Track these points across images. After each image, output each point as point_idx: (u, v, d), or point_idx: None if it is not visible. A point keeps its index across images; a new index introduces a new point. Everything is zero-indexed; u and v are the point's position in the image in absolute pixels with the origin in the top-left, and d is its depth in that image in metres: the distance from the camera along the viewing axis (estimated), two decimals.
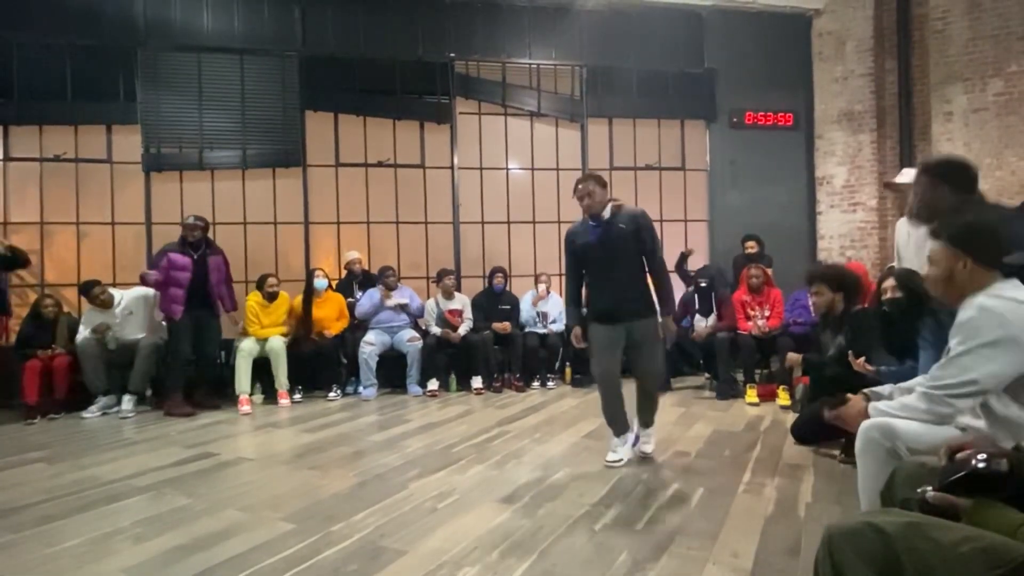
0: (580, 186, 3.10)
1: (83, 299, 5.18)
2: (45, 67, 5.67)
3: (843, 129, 6.96)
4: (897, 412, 1.76)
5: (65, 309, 5.14)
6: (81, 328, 4.91)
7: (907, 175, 3.65)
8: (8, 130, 5.74)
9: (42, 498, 2.81)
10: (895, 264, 3.83)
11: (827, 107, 7.04)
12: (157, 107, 5.90)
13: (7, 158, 5.75)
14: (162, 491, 2.88)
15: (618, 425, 3.18)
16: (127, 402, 4.74)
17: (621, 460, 3.11)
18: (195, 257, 4.81)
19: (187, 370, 4.89)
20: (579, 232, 3.19)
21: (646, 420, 3.27)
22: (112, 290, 5.02)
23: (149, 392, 5.07)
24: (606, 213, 3.08)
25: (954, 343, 1.64)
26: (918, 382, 1.97)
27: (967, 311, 1.62)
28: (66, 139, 5.82)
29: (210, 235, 5.11)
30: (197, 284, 4.79)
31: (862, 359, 3.19)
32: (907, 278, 3.22)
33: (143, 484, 2.98)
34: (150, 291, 5.01)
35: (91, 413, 4.68)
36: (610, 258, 3.07)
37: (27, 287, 5.67)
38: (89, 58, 5.75)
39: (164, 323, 4.96)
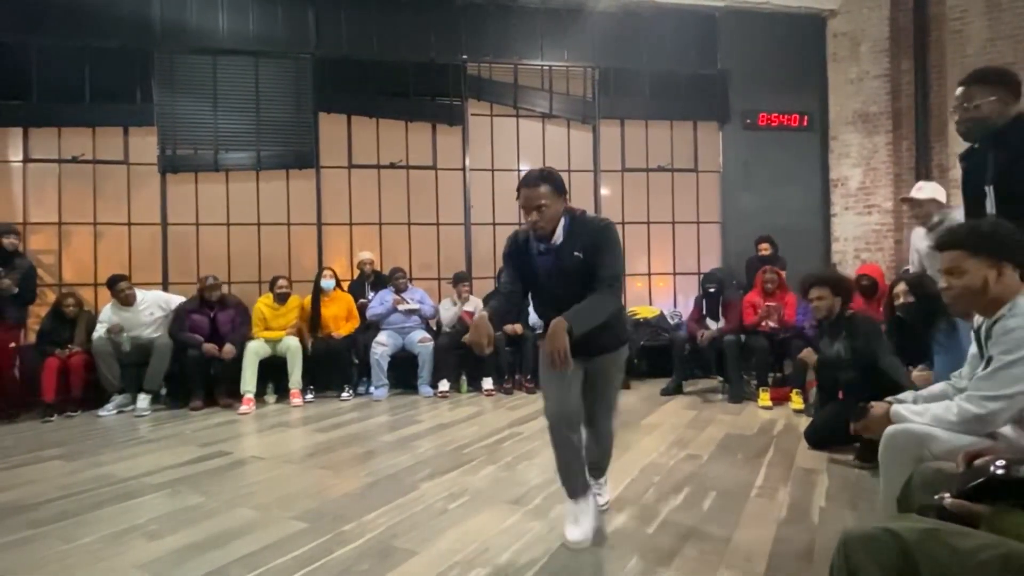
0: (526, 191, 2.11)
1: (101, 297, 5.26)
2: (63, 70, 5.76)
3: (858, 131, 6.90)
4: (925, 419, 1.73)
5: (85, 308, 5.22)
6: (98, 325, 4.98)
7: (927, 190, 3.56)
8: (28, 132, 5.84)
9: (59, 495, 2.85)
10: (909, 268, 3.82)
11: (842, 108, 6.98)
12: (173, 109, 5.97)
13: (26, 159, 5.85)
14: (176, 489, 2.91)
15: (578, 485, 2.26)
16: (142, 401, 4.79)
17: (586, 540, 2.18)
18: (211, 316, 5.15)
19: (202, 369, 5.01)
20: (520, 251, 2.27)
21: (598, 468, 2.49)
22: (137, 290, 5.13)
23: (164, 391, 5.12)
24: (558, 235, 2.15)
25: (997, 351, 1.59)
26: (942, 389, 1.95)
27: (1014, 319, 1.57)
28: (84, 141, 5.90)
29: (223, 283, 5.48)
30: (211, 333, 5.14)
31: (918, 371, 3.16)
32: (919, 283, 3.20)
33: (158, 482, 3.02)
34: (172, 298, 5.26)
35: (107, 411, 4.74)
36: (564, 296, 2.11)
37: (45, 287, 5.75)
38: (106, 61, 5.84)
39: None
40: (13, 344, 4.85)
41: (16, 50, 5.66)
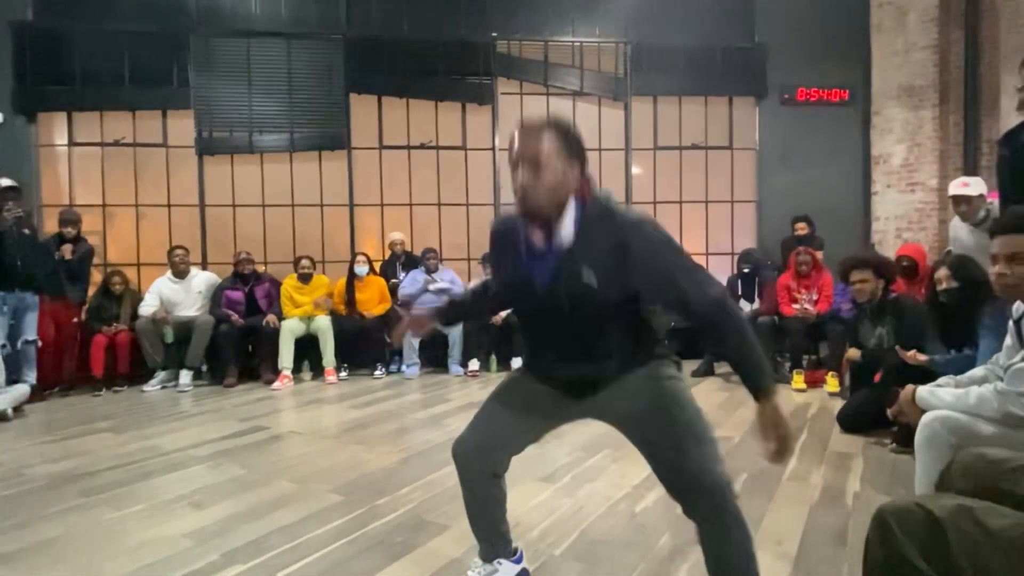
0: (522, 138, 1.32)
1: (144, 276, 5.42)
2: (104, 55, 5.90)
3: (902, 105, 6.62)
4: (953, 404, 1.70)
5: (130, 286, 5.40)
6: (147, 296, 5.14)
7: (975, 186, 3.45)
8: (71, 116, 6.03)
9: (110, 465, 2.98)
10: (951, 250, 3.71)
11: (885, 82, 6.70)
12: (209, 92, 6.08)
13: (71, 143, 6.04)
14: (219, 461, 3.02)
15: (491, 540, 1.70)
16: (184, 377, 4.97)
17: None
18: (246, 291, 5.32)
19: (236, 345, 5.16)
20: (507, 246, 1.45)
21: None
22: (192, 267, 5.35)
23: (204, 367, 5.30)
24: (567, 230, 1.34)
25: None
26: (983, 374, 1.90)
27: None
28: (125, 124, 6.07)
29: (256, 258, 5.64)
30: (249, 309, 5.30)
31: (912, 352, 3.08)
32: (961, 266, 3.09)
33: (201, 454, 3.14)
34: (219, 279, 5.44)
35: (151, 387, 4.92)
36: (568, 321, 1.41)
37: (92, 266, 5.95)
38: (144, 45, 5.96)
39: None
40: (76, 319, 5.06)
41: (60, 36, 5.82)
